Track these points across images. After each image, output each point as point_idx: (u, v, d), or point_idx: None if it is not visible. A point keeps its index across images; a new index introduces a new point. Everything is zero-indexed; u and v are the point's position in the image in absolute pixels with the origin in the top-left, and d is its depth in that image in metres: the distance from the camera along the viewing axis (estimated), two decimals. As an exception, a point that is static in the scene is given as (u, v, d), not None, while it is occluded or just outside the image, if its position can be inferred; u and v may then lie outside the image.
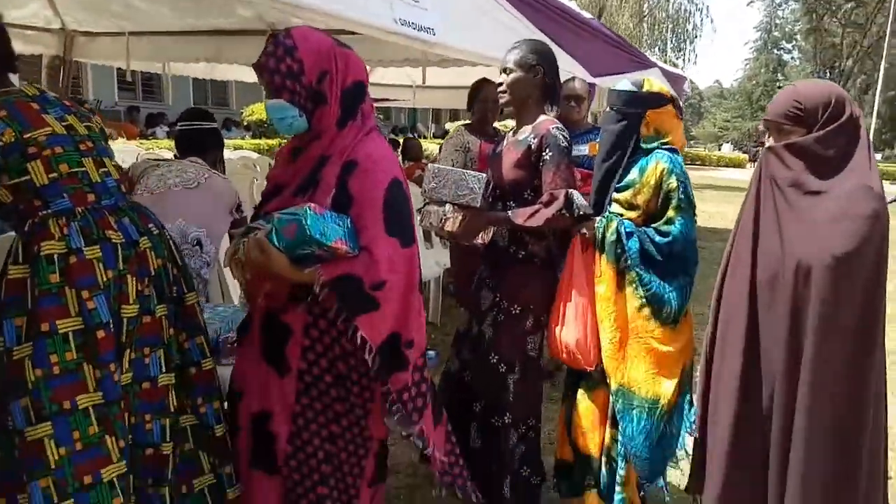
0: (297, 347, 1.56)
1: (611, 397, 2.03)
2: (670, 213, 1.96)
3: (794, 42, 42.48)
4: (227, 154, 7.74)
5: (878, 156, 26.51)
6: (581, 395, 2.11)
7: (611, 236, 1.99)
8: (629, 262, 1.97)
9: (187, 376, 1.61)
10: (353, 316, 1.45)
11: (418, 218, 2.06)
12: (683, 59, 25.30)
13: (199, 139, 2.43)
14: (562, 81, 3.22)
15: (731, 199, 13.86)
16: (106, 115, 12.43)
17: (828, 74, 35.86)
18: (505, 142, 2.21)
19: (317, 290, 1.43)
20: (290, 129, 1.53)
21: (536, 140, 2.04)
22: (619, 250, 1.98)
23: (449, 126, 19.34)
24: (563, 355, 2.08)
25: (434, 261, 3.97)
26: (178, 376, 1.58)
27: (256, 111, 14.05)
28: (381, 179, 1.48)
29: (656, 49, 24.43)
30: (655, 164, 1.96)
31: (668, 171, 1.94)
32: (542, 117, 2.09)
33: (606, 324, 2.02)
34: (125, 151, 7.39)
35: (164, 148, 6.89)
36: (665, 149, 1.99)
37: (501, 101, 2.12)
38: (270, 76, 1.46)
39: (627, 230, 1.98)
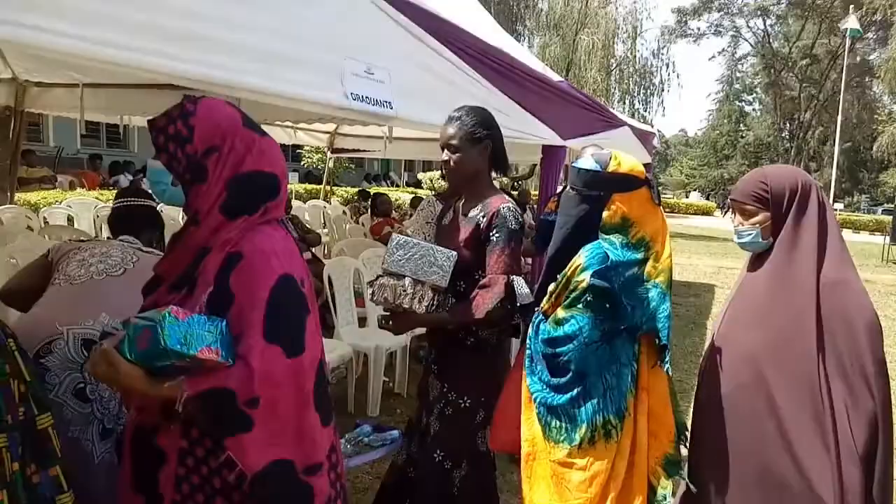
0: (170, 476, 1.31)
1: None
2: (560, 312, 1.68)
3: (754, 94, 44.26)
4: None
5: (839, 205, 27.34)
6: None
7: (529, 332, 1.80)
8: (526, 367, 1.75)
9: None
10: (222, 437, 1.23)
11: (370, 291, 1.87)
12: (650, 112, 25.99)
13: (133, 217, 2.22)
14: (574, 150, 3.11)
15: (703, 250, 14.04)
16: (67, 163, 12.13)
17: (788, 126, 37.34)
18: (451, 213, 2.08)
19: (179, 407, 1.20)
20: (162, 198, 1.36)
21: (486, 220, 1.91)
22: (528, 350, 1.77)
23: (421, 176, 19.41)
24: None
25: (399, 328, 3.73)
26: None
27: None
28: (266, 275, 1.27)
29: (625, 102, 25.05)
30: (577, 257, 1.69)
31: (583, 267, 1.65)
32: (493, 196, 1.95)
33: (522, 435, 1.77)
34: (81, 205, 7.12)
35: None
36: (612, 239, 1.64)
37: (448, 179, 1.98)
38: (156, 134, 1.31)
39: (541, 333, 1.74)
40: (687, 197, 40.21)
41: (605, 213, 1.67)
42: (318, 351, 1.36)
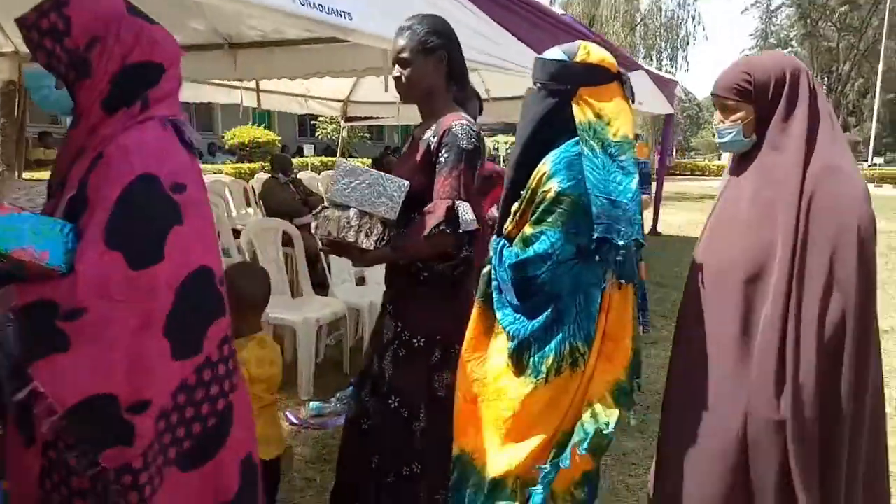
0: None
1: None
2: (527, 228, 1.48)
3: (789, 48, 42.38)
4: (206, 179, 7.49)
5: (880, 159, 26.20)
6: None
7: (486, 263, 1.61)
8: (495, 300, 1.55)
9: None
10: (29, 361, 1.05)
11: (313, 224, 1.68)
12: (675, 67, 25.22)
13: None
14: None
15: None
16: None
17: (825, 79, 35.71)
18: (411, 139, 1.89)
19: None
20: (45, 103, 1.22)
21: (436, 139, 1.71)
22: (489, 280, 1.57)
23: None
24: None
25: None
26: None
27: (238, 135, 13.92)
28: (123, 173, 1.11)
29: (651, 58, 24.30)
30: (541, 165, 1.48)
31: (549, 175, 1.44)
32: (448, 114, 1.75)
33: (462, 373, 1.60)
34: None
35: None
36: (592, 143, 1.41)
37: (402, 98, 1.79)
38: (28, 31, 1.16)
39: (506, 258, 1.53)
40: (719, 159, 39.02)
41: (574, 109, 1.45)
42: (191, 268, 1.19)
